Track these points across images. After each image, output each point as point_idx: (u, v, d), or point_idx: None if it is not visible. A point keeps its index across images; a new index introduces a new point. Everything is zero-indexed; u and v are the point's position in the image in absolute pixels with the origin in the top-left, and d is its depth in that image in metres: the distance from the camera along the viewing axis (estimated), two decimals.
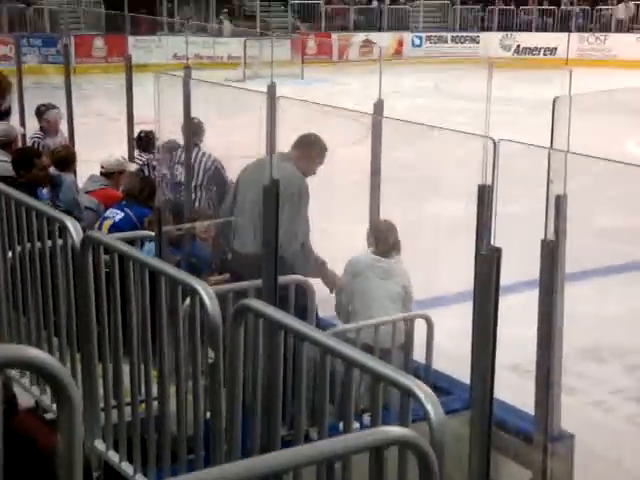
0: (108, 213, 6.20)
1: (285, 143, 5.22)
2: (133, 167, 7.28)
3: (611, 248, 8.59)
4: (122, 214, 6.11)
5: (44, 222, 3.27)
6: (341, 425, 2.31)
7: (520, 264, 4.27)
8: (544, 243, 3.36)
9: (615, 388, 6.42)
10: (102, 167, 7.04)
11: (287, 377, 2.75)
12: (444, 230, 8.19)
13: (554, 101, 3.06)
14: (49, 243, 3.25)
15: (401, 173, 8.85)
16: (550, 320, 3.60)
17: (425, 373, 4.65)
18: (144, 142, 7.63)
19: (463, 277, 4.42)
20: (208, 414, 2.87)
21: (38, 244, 3.30)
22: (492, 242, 2.95)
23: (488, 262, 2.87)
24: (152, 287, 2.87)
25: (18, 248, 3.44)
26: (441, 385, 4.65)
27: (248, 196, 5.02)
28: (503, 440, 4.21)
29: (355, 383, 2.31)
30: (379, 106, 5.40)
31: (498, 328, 3.23)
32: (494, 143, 2.78)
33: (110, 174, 6.99)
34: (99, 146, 8.35)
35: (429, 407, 1.93)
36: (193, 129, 6.39)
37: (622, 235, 8.50)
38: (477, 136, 2.78)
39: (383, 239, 5.26)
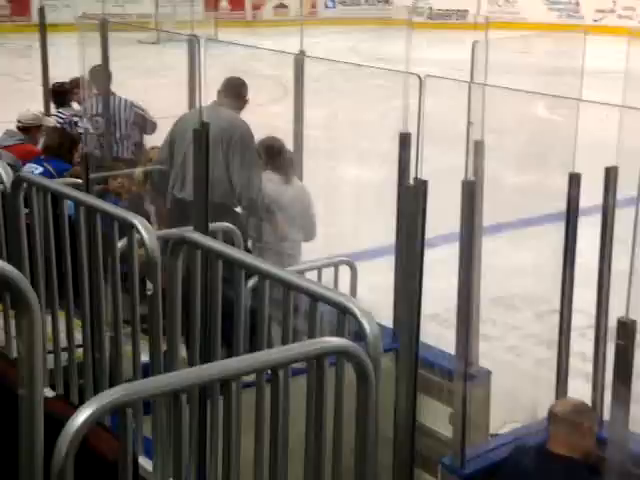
0: (26, 168, 6.12)
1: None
2: (50, 122, 7.18)
3: (522, 201, 8.87)
4: (41, 169, 6.06)
5: None
6: None
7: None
8: (464, 184, 3.51)
9: (526, 334, 6.69)
10: (19, 122, 6.93)
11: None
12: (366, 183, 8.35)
13: (473, 45, 3.20)
14: None
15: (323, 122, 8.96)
16: (471, 260, 3.76)
17: None
18: (60, 96, 7.52)
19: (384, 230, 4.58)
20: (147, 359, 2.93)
21: None
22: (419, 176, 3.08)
23: (414, 194, 3.00)
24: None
25: None
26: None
27: (187, 143, 4.95)
28: (424, 379, 4.40)
29: None
30: (300, 60, 5.46)
31: None
32: (420, 79, 2.90)
33: (27, 129, 6.89)
34: (10, 105, 8.21)
35: (364, 321, 2.05)
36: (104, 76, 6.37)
37: (533, 189, 8.79)
38: (402, 73, 2.89)
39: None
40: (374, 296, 4.86)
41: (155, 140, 6.66)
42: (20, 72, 13.76)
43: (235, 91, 5.31)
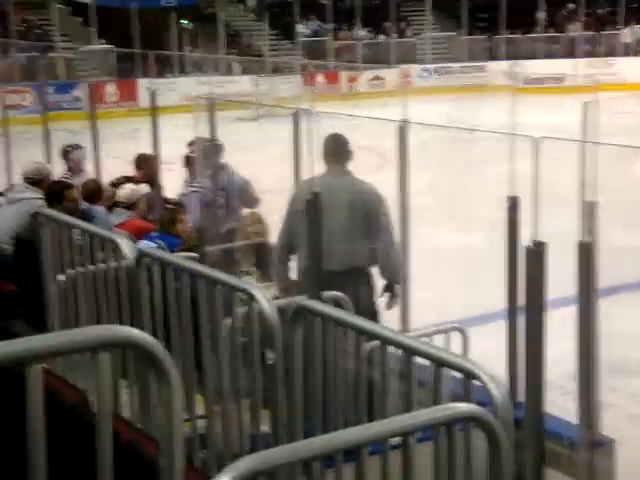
0: (139, 245, 6.34)
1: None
2: (144, 190, 7.43)
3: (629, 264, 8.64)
4: (154, 244, 6.26)
5: (95, 243, 3.40)
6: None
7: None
8: (580, 245, 3.45)
9: None
10: (120, 202, 7.19)
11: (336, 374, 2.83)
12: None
13: (584, 105, 3.18)
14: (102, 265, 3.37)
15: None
16: (590, 324, 3.67)
17: None
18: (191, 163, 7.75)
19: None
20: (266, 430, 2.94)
21: (91, 267, 3.43)
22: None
23: (534, 256, 2.96)
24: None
25: (71, 271, 3.56)
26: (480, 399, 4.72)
27: (334, 220, 5.03)
28: (548, 450, 4.26)
29: None
30: (404, 127, 5.52)
31: None
32: (536, 141, 2.88)
33: (130, 205, 7.16)
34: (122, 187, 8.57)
35: (492, 387, 2.02)
36: (214, 149, 6.67)
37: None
38: (514, 136, 2.88)
39: None
40: (487, 364, 4.79)
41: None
42: (129, 154, 14.33)
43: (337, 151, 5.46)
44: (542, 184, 3.68)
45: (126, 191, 7.20)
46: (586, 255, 3.51)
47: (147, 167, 8.05)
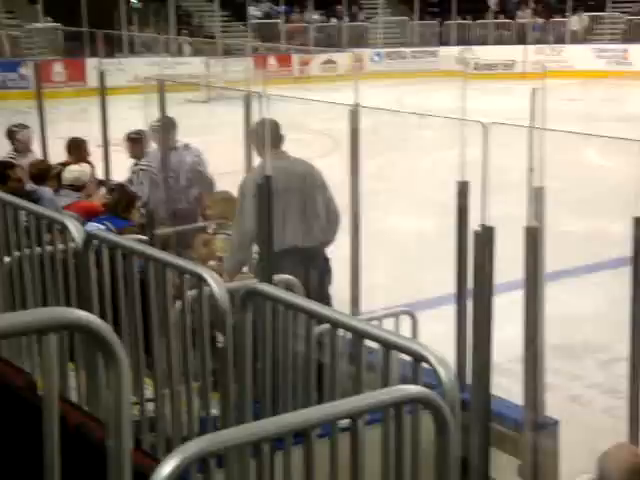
0: (89, 227, 6.27)
1: None
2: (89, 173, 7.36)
3: (582, 248, 8.80)
4: (103, 227, 6.20)
5: (42, 225, 3.35)
6: None
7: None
8: (527, 229, 3.50)
9: (591, 383, 6.58)
10: (68, 184, 7.11)
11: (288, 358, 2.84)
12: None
13: (532, 92, 3.22)
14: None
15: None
16: (536, 308, 3.73)
17: None
18: (137, 144, 7.64)
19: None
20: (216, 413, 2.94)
21: (38, 248, 3.38)
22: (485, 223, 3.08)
23: (482, 241, 3.00)
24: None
25: (16, 253, 3.50)
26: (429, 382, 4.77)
27: (290, 198, 5.27)
28: (493, 431, 4.33)
29: None
30: (355, 112, 5.53)
31: None
32: (484, 127, 2.91)
33: (78, 187, 7.08)
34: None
35: (440, 369, 2.04)
36: (167, 127, 6.62)
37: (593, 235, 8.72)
38: (463, 121, 2.91)
39: None
40: (436, 347, 4.85)
41: None
42: (78, 135, 14.13)
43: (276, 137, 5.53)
44: (491, 169, 3.72)
45: (73, 173, 7.12)
46: (533, 240, 3.56)
47: (77, 152, 7.97)
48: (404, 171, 11.03)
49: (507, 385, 5.11)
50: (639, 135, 3.84)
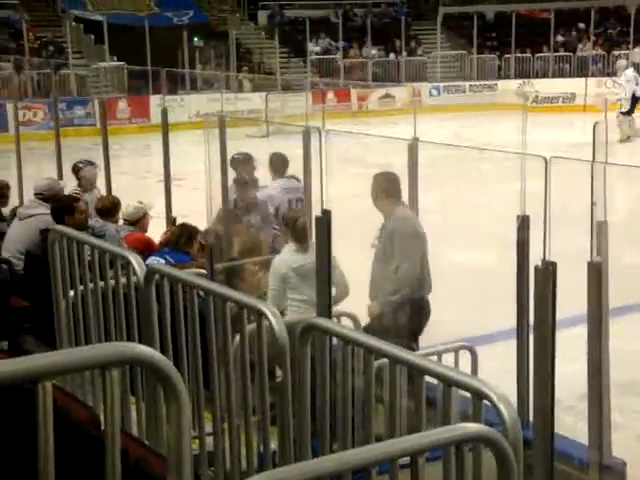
0: (149, 261, 6.37)
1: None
2: (151, 208, 7.50)
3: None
4: (163, 261, 6.29)
5: (105, 259, 3.41)
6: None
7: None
8: (590, 265, 3.44)
9: None
10: (125, 219, 7.27)
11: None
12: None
13: (594, 126, 3.19)
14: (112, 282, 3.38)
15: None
16: (600, 344, 3.65)
17: None
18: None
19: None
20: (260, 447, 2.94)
21: (101, 283, 3.43)
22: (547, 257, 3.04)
23: (544, 276, 2.96)
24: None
25: (80, 287, 3.57)
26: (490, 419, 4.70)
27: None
28: (557, 470, 4.23)
29: None
30: (414, 145, 5.54)
31: None
32: (545, 161, 2.89)
33: (135, 222, 7.24)
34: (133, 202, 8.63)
35: (502, 407, 2.01)
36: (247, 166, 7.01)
37: None
38: (525, 155, 2.88)
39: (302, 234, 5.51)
40: (497, 383, 4.78)
41: None
42: (140, 170, 14.43)
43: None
44: (552, 203, 3.68)
45: (130, 210, 7.28)
46: (596, 275, 3.50)
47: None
48: (463, 205, 10.95)
49: (572, 423, 5.00)
50: None
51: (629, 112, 19.89)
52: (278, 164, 7.49)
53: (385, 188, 5.78)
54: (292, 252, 5.60)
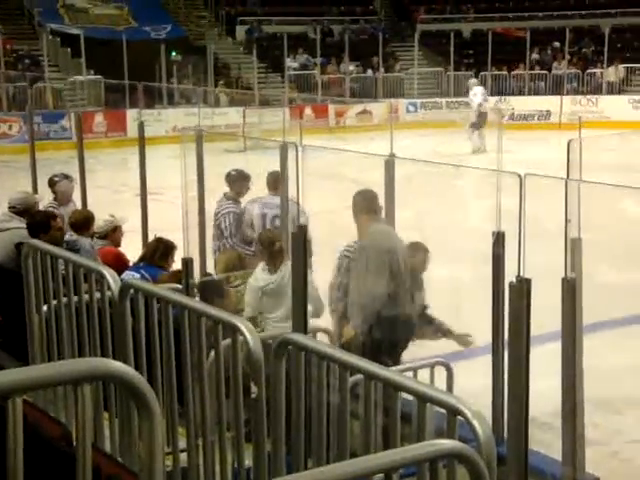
0: (125, 275, 6.33)
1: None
2: (124, 222, 7.48)
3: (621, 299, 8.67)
4: (138, 275, 6.25)
5: (79, 274, 3.38)
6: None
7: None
8: (564, 281, 3.46)
9: (631, 439, 6.42)
10: (95, 232, 7.23)
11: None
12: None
13: (568, 143, 3.22)
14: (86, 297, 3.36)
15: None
16: (574, 362, 3.67)
17: None
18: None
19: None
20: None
21: (75, 297, 3.41)
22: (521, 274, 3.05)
23: (518, 292, 2.97)
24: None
25: (54, 301, 3.54)
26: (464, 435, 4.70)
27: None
28: None
29: None
30: (390, 162, 5.56)
31: None
32: (520, 178, 2.91)
33: (105, 235, 7.21)
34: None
35: (476, 423, 2.01)
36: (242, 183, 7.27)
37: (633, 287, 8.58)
38: (500, 172, 2.91)
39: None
40: (472, 399, 4.79)
41: None
42: (117, 184, 14.36)
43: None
44: (527, 219, 3.70)
45: (99, 223, 7.26)
46: (570, 291, 3.52)
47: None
48: (439, 221, 10.99)
49: (547, 440, 5.01)
50: None
51: (477, 125, 20.76)
52: (270, 181, 7.50)
53: (363, 206, 5.80)
54: (261, 271, 5.66)
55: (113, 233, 7.23)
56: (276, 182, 7.08)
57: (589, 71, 29.32)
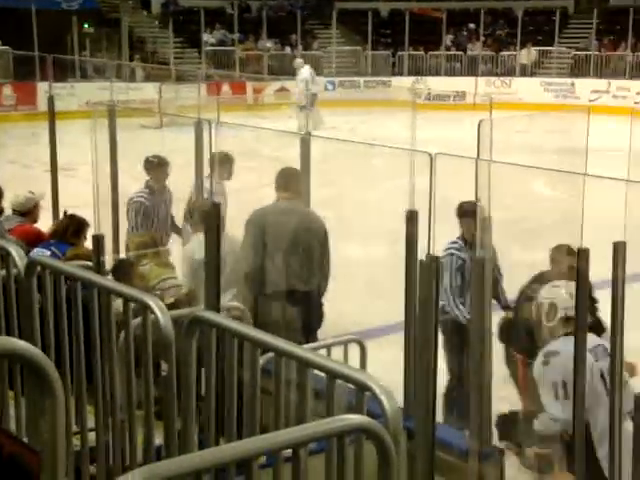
0: (35, 252, 6.18)
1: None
2: (42, 197, 7.32)
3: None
4: (49, 252, 6.12)
5: None
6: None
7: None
8: (474, 260, 3.52)
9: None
10: (14, 209, 7.05)
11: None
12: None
13: (479, 123, 3.27)
14: None
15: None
16: (482, 335, 3.74)
17: None
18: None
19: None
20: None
21: None
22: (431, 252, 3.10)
23: (427, 270, 3.01)
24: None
25: None
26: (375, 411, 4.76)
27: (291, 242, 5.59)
28: (439, 459, 4.32)
29: None
30: (306, 140, 5.56)
31: None
32: (430, 157, 2.94)
33: (26, 212, 7.04)
34: (18, 191, 8.36)
35: (384, 399, 2.04)
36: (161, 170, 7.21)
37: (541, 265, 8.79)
38: (411, 151, 2.94)
39: None
40: (386, 375, 4.85)
41: None
42: (27, 159, 13.98)
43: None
44: (441, 199, 3.75)
45: (19, 198, 7.05)
46: (479, 269, 3.59)
47: None
48: (354, 199, 11.08)
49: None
50: (582, 166, 3.91)
51: (307, 108, 21.62)
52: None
53: (279, 184, 5.82)
54: (199, 243, 5.58)
55: (33, 210, 7.06)
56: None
57: (503, 53, 29.84)
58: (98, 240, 4.14)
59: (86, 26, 28.29)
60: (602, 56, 28.21)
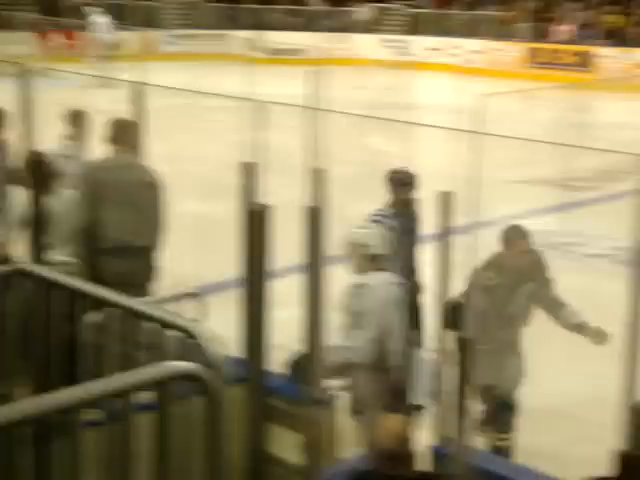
0: None
1: None
2: None
3: None
4: None
5: None
6: None
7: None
8: (308, 210, 3.54)
9: None
10: None
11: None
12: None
13: (305, 74, 3.28)
14: None
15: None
16: (316, 286, 3.79)
17: None
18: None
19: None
20: None
21: None
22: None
23: (257, 219, 3.02)
24: None
25: None
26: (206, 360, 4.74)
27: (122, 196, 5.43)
28: (273, 407, 4.38)
29: None
30: (139, 90, 5.39)
31: None
32: (259, 107, 2.93)
33: None
34: None
35: (210, 346, 2.04)
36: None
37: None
38: (243, 101, 2.92)
39: None
40: (225, 330, 4.84)
41: None
42: None
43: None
44: (279, 153, 3.76)
45: None
46: (314, 220, 3.62)
47: None
48: (193, 154, 10.93)
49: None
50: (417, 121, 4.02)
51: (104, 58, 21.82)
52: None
53: (109, 136, 5.66)
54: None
55: None
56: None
57: (342, 9, 30.10)
58: None
59: None
60: (437, 14, 28.96)
